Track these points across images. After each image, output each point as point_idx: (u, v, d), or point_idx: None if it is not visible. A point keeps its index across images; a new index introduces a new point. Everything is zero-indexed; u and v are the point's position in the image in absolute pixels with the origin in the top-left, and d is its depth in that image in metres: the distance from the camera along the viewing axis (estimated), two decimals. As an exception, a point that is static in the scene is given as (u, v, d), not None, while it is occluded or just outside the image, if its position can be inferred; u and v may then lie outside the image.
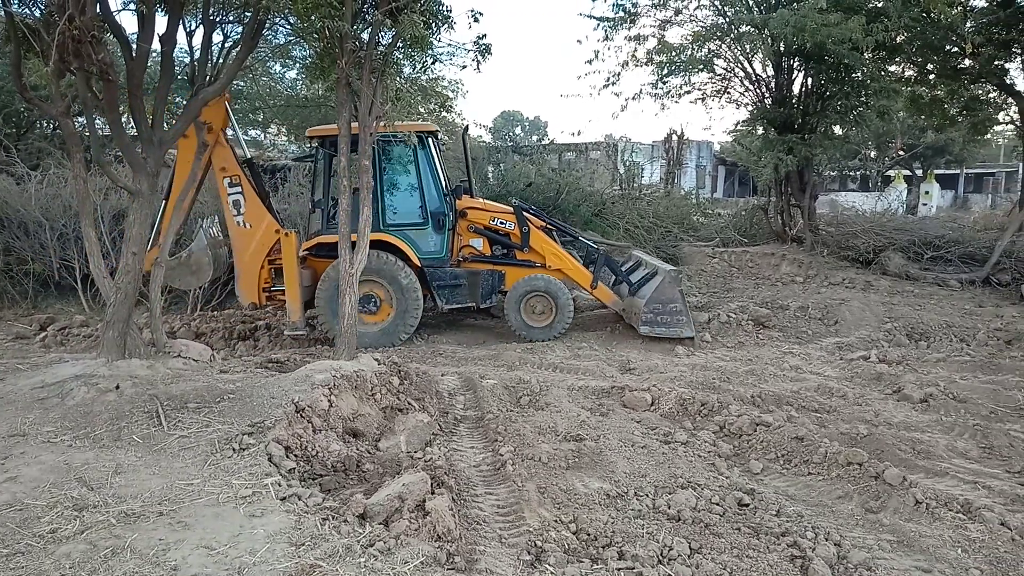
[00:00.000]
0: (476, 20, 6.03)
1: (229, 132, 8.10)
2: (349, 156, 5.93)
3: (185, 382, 4.80)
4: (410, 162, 8.35)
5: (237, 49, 6.06)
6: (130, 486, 3.36)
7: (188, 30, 6.11)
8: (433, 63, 8.01)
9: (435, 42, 6.30)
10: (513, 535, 3.37)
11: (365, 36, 5.83)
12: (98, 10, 4.84)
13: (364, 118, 5.77)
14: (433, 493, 3.45)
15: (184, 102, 7.04)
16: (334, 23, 5.32)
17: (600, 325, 9.08)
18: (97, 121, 7.28)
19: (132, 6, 5.41)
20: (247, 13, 6.08)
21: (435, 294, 8.42)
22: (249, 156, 8.47)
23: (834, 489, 4.18)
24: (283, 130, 16.31)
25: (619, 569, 3.07)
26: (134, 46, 5.26)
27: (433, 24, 5.88)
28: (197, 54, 5.98)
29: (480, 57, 6.24)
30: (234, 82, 11.18)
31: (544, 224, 8.94)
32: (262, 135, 16.72)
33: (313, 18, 5.46)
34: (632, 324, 8.49)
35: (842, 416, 5.45)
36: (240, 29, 6.28)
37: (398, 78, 8.55)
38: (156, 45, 5.40)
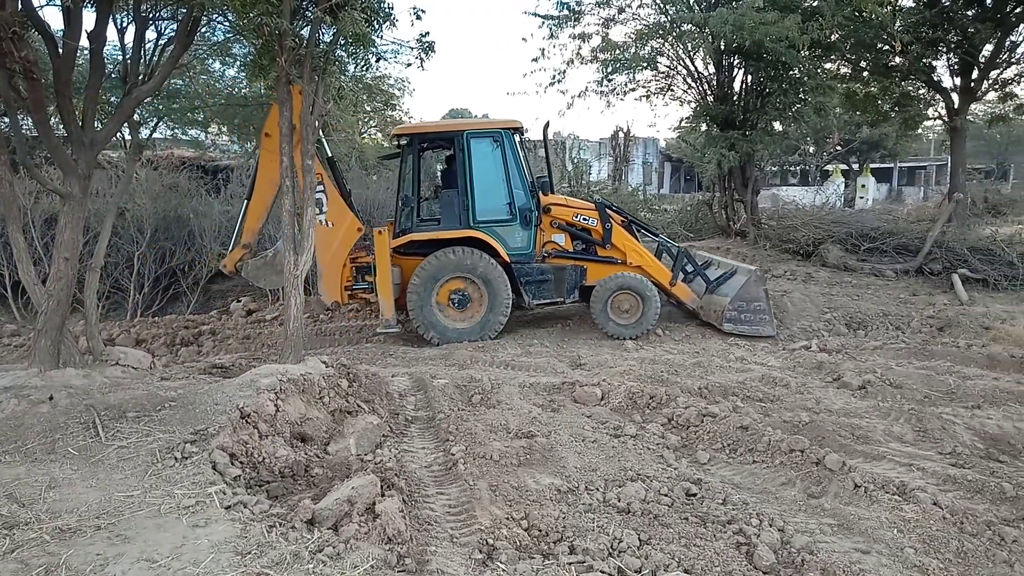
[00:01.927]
0: (419, 17, 5.99)
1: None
2: (291, 156, 5.80)
3: (124, 391, 4.64)
4: (498, 159, 8.32)
5: (172, 46, 5.89)
6: (65, 501, 3.23)
7: (119, 27, 5.90)
8: (377, 61, 7.93)
9: (378, 40, 6.24)
10: (464, 534, 3.37)
11: (305, 33, 5.73)
12: (20, 5, 4.63)
13: (306, 117, 5.67)
14: (383, 495, 3.42)
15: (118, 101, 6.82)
16: (272, 20, 5.20)
17: (551, 322, 9.14)
18: (25, 121, 7.00)
19: (57, 1, 5.20)
20: (182, 9, 5.92)
21: (522, 290, 8.44)
22: (330, 154, 8.50)
23: (778, 476, 4.29)
24: (224, 129, 15.90)
25: (570, 563, 3.09)
26: (61, 43, 5.05)
27: (375, 21, 5.82)
28: (130, 52, 5.78)
29: (424, 55, 6.21)
30: (171, 81, 10.88)
31: (624, 220, 9.02)
32: (203, 135, 16.28)
33: (251, 15, 5.34)
34: (710, 321, 8.58)
35: (785, 405, 5.60)
36: (175, 26, 6.10)
37: (341, 76, 8.44)
38: (85, 42, 5.21)
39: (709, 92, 13.89)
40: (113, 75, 7.06)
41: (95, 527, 2.98)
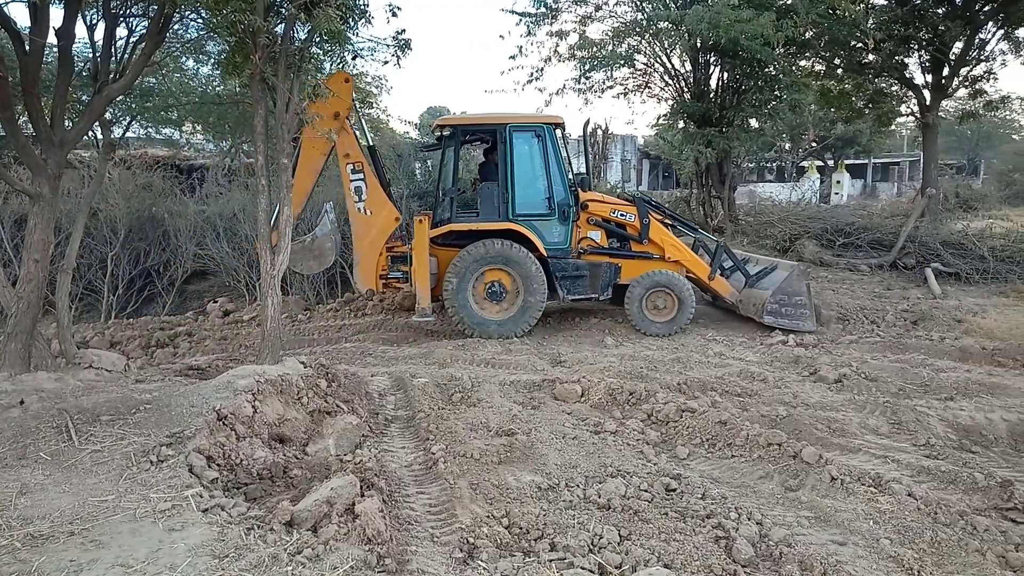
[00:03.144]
0: (394, 15, 5.96)
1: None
2: (267, 155, 5.75)
3: (97, 394, 4.57)
4: (538, 153, 8.38)
5: (143, 44, 5.80)
6: (37, 506, 3.16)
7: (89, 24, 5.80)
8: (354, 59, 7.87)
9: (353, 37, 6.20)
10: (445, 533, 3.36)
11: (280, 30, 5.67)
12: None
13: (281, 114, 5.61)
14: (363, 495, 3.39)
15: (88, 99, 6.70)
16: (246, 17, 5.14)
17: (530, 319, 9.13)
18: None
19: (24, -2, 5.11)
20: (153, 6, 5.83)
21: (558, 285, 8.46)
22: (371, 143, 8.60)
23: (756, 470, 4.33)
24: (199, 128, 15.69)
25: (551, 560, 3.09)
26: (27, 41, 4.95)
27: (350, 18, 5.77)
28: (100, 49, 5.69)
29: (400, 52, 6.18)
30: (144, 79, 10.70)
31: (662, 217, 9.03)
32: (176, 133, 16.04)
33: (225, 11, 5.27)
34: (749, 315, 8.60)
35: (763, 399, 5.65)
36: (146, 23, 6.01)
37: (318, 74, 8.36)
38: (53, 40, 5.11)
39: (686, 89, 13.98)
40: (84, 73, 6.94)
41: (68, 533, 2.93)
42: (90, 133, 6.06)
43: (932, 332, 8.09)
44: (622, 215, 8.68)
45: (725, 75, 13.56)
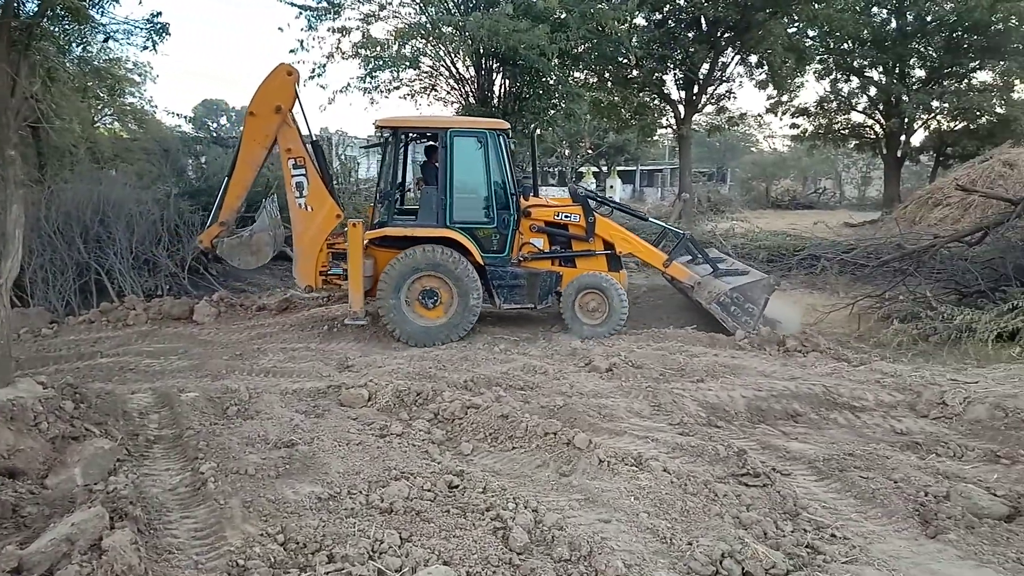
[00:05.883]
0: (148, -5, 5.42)
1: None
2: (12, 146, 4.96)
3: None
4: (480, 160, 8.19)
5: None
6: None
7: None
8: (105, 41, 7.10)
9: (100, 18, 5.56)
10: (212, 558, 3.12)
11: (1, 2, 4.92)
12: None
13: (5, 99, 4.86)
14: (112, 528, 3.04)
15: None
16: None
17: (318, 324, 8.81)
18: None
19: None
20: None
21: (494, 293, 8.35)
22: (315, 138, 8.07)
23: (534, 459, 4.53)
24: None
25: (328, 572, 3.00)
26: None
27: (93, -5, 5.16)
28: None
29: (156, 37, 5.65)
30: None
31: (611, 210, 8.89)
32: None
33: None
34: (699, 300, 8.57)
35: (543, 391, 5.93)
36: None
37: (62, 56, 7.42)
38: None
39: (471, 94, 14.34)
40: None
41: None
42: None
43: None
44: (567, 216, 8.65)
45: (507, 82, 14.12)
